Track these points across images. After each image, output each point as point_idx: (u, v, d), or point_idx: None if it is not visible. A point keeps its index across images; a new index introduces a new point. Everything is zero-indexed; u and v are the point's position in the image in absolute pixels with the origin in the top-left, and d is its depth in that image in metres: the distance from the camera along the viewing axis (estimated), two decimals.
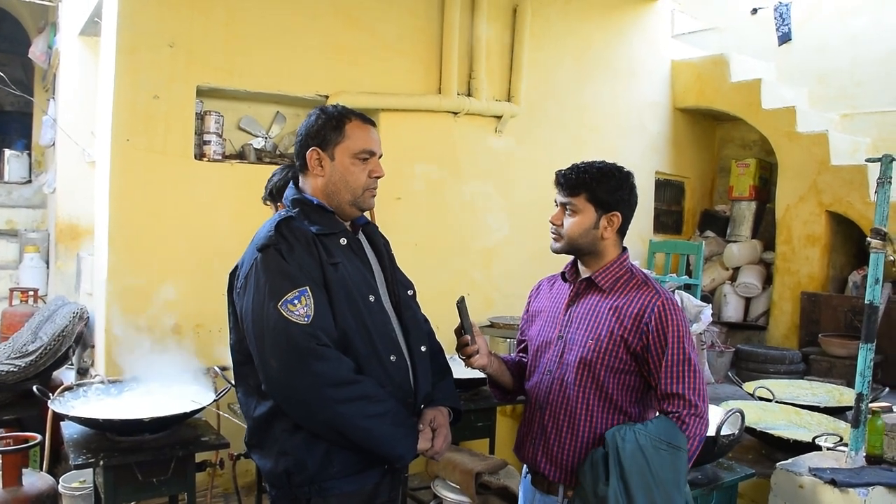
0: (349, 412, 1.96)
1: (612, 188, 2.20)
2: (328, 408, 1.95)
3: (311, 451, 2.01)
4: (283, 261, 2.01)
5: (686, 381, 2.06)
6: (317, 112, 2.20)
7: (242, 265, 2.11)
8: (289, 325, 1.94)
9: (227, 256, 4.41)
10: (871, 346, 2.90)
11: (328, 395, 1.94)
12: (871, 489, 2.80)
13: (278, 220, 2.09)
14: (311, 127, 2.17)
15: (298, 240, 2.05)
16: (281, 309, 1.95)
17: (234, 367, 2.19)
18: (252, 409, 2.11)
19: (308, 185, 2.20)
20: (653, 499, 1.98)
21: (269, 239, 2.04)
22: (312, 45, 4.81)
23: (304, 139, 2.18)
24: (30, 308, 5.79)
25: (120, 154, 4.20)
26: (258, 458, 2.13)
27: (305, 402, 1.96)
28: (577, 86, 6.31)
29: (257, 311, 1.99)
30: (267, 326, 1.96)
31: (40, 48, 7.55)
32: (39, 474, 3.47)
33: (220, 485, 4.33)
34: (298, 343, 1.94)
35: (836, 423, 3.69)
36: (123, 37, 4.19)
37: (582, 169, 2.22)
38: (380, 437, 2.01)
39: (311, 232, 2.09)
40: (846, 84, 7.10)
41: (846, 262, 6.54)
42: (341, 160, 2.15)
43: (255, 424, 2.10)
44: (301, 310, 1.96)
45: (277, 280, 1.98)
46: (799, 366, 5.83)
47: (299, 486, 2.02)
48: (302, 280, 2.00)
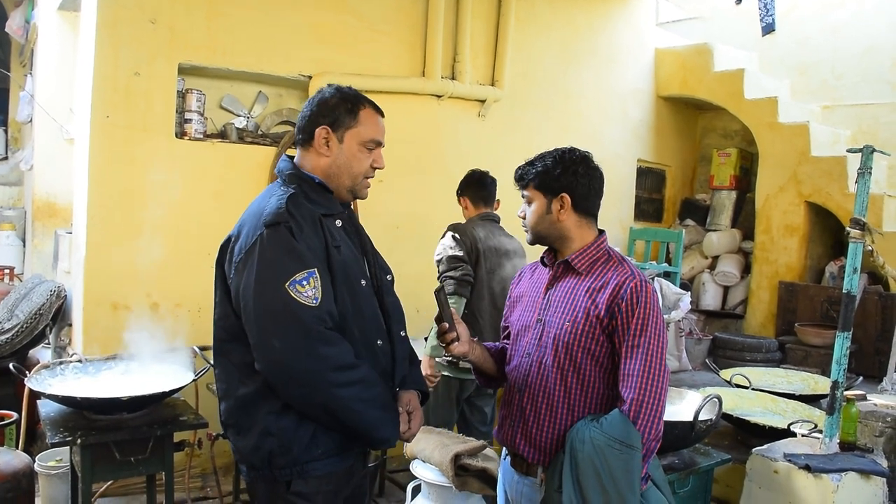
0: (347, 395, 1.95)
1: (558, 173, 2.21)
2: (327, 391, 1.94)
3: (298, 432, 1.99)
4: (292, 239, 1.96)
5: (643, 368, 2.04)
6: (332, 90, 2.16)
7: (241, 237, 2.03)
8: (297, 307, 1.90)
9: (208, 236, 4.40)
10: (848, 335, 2.94)
11: (330, 378, 1.93)
12: (843, 475, 2.84)
13: (286, 195, 2.03)
14: (326, 104, 2.14)
15: (305, 219, 2.02)
16: (289, 289, 1.90)
17: (215, 344, 2.13)
18: (234, 387, 2.07)
19: (308, 162, 2.15)
20: (608, 500, 1.99)
21: (280, 215, 1.97)
22: (296, 25, 4.76)
23: (315, 115, 2.13)
24: (6, 286, 5.73)
25: (99, 131, 4.14)
26: (236, 439, 2.08)
27: (305, 384, 1.93)
28: (560, 72, 6.30)
29: (261, 289, 1.93)
30: (272, 306, 1.91)
31: (17, 22, 7.41)
32: (15, 452, 3.45)
33: (198, 465, 4.32)
34: (306, 325, 1.91)
35: (810, 410, 3.74)
36: (104, 11, 4.12)
37: (530, 161, 2.28)
38: (370, 421, 2.01)
39: (317, 212, 2.06)
40: (827, 76, 7.16)
41: (823, 253, 6.62)
42: (349, 145, 2.14)
43: (236, 404, 2.06)
44: (309, 291, 1.93)
45: (286, 259, 1.93)
46: (775, 354, 5.91)
47: (281, 467, 2.00)
48: (311, 261, 1.96)
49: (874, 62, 6.82)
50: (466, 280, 3.71)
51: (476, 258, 3.79)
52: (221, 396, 2.12)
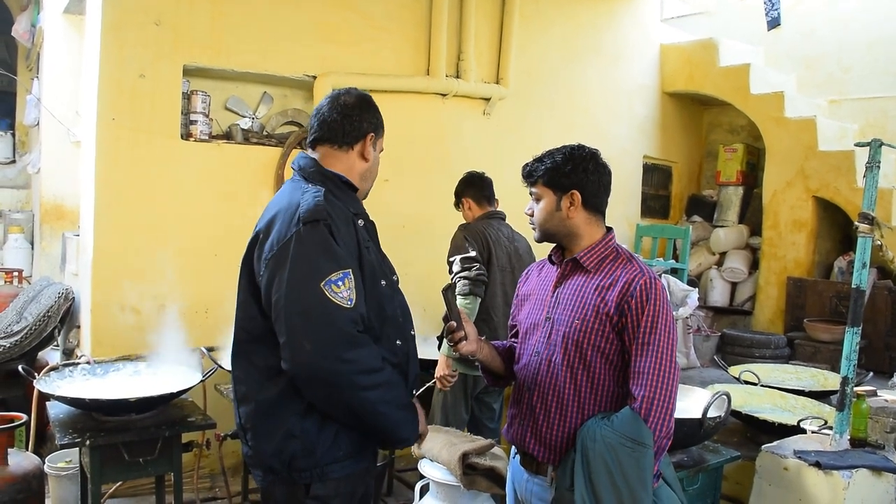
0: (372, 397, 1.95)
1: (569, 170, 2.20)
2: (354, 393, 1.92)
3: (321, 435, 1.98)
4: (331, 238, 1.94)
5: (654, 365, 2.04)
6: (369, 98, 2.19)
7: (272, 233, 1.99)
8: (331, 307, 1.88)
9: (214, 237, 4.43)
10: (858, 330, 2.92)
11: (357, 381, 1.91)
12: (854, 471, 2.82)
13: (321, 193, 2.01)
14: (370, 111, 2.17)
15: (340, 218, 2.00)
16: (324, 289, 1.88)
17: (235, 346, 2.10)
18: (254, 391, 2.03)
19: (342, 163, 2.15)
20: (620, 498, 1.99)
21: (319, 212, 1.94)
22: (300, 25, 4.76)
23: (360, 121, 2.15)
24: (14, 289, 5.76)
25: (105, 133, 4.15)
26: (255, 443, 2.04)
27: (333, 385, 1.90)
28: (565, 69, 6.28)
29: (295, 286, 1.90)
30: (305, 305, 1.88)
31: (24, 26, 7.44)
32: (25, 454, 3.47)
33: (207, 465, 4.33)
34: (340, 327, 1.89)
35: (820, 406, 3.72)
36: (109, 14, 4.13)
37: (539, 158, 2.27)
38: (393, 422, 2.02)
39: (349, 211, 2.06)
40: (834, 70, 7.11)
41: (832, 248, 6.58)
42: (377, 153, 2.22)
43: (257, 408, 2.03)
44: (344, 292, 1.90)
45: (323, 258, 1.91)
46: (784, 350, 5.88)
47: (301, 470, 1.98)
48: (347, 261, 1.95)
49: (882, 54, 6.76)
50: (481, 280, 3.73)
51: (488, 257, 3.83)
52: (240, 399, 2.09)
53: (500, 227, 4.00)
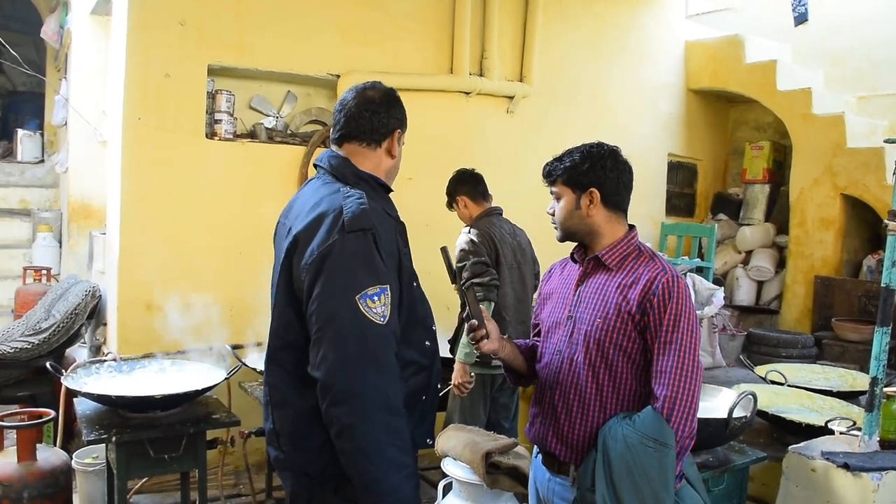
0: (383, 439, 1.81)
1: (587, 168, 2.19)
2: (364, 423, 1.80)
3: None
4: (374, 249, 1.87)
5: (676, 364, 2.01)
6: (393, 92, 2.13)
7: (314, 238, 1.89)
8: (363, 322, 1.81)
9: (239, 235, 4.46)
10: (887, 330, 2.87)
11: (372, 410, 1.81)
12: (884, 474, 2.77)
13: (363, 197, 1.93)
14: (396, 106, 2.11)
15: (383, 225, 1.94)
16: (359, 301, 1.81)
17: (270, 352, 2.04)
18: (291, 396, 1.98)
19: (370, 161, 2.08)
20: (642, 499, 1.97)
21: (364, 220, 1.87)
22: (323, 24, 4.78)
23: (388, 117, 2.08)
24: (43, 287, 5.84)
25: (131, 133, 4.20)
26: (291, 449, 1.98)
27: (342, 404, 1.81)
28: (589, 66, 6.25)
29: (330, 295, 1.83)
30: (337, 314, 1.82)
31: (52, 28, 7.54)
32: (53, 450, 3.51)
33: (231, 462, 4.36)
34: (368, 343, 1.81)
35: (848, 407, 3.66)
36: (134, 15, 4.18)
37: (558, 157, 2.26)
38: (388, 485, 1.80)
39: (391, 217, 2.03)
40: (863, 65, 7.01)
41: (860, 246, 6.49)
42: (401, 149, 2.16)
43: (295, 414, 1.97)
44: (379, 308, 1.83)
45: (363, 270, 1.84)
46: (811, 350, 5.81)
47: (334, 476, 1.93)
48: (386, 276, 1.87)
49: None
50: (494, 284, 3.70)
51: (496, 256, 3.80)
52: (275, 403, 2.03)
53: (502, 224, 3.97)
